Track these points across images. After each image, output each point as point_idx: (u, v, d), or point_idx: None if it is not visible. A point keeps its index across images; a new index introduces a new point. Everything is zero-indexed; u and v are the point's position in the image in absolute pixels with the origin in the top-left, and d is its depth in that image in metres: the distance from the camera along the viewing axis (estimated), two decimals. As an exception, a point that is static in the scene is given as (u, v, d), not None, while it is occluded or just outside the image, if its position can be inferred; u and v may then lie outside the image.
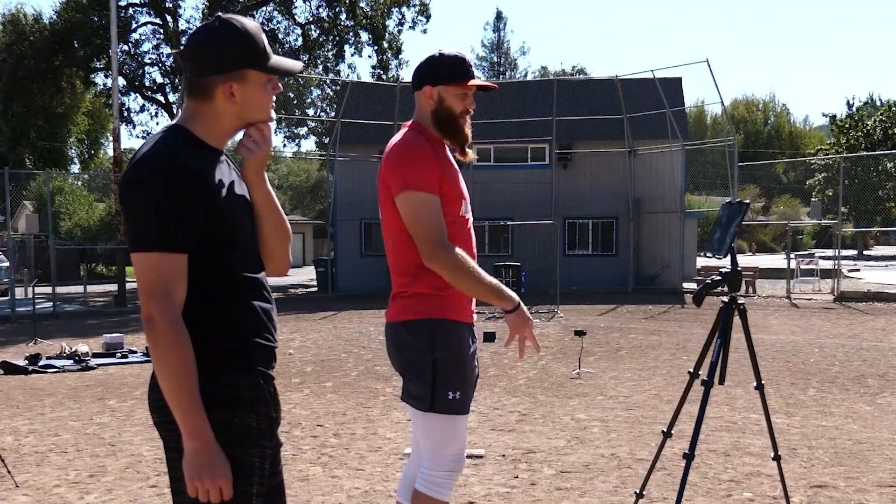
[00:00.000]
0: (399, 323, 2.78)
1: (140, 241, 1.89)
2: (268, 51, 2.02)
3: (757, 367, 3.81)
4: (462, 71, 2.78)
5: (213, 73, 1.97)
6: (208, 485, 1.88)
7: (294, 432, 6.17)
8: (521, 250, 23.01)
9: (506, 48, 62.10)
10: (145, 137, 2.24)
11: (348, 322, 15.28)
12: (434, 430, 2.77)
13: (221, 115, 2.02)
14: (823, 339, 11.89)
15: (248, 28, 2.01)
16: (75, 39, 28.52)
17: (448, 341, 2.73)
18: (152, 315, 1.87)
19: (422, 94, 2.80)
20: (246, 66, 1.99)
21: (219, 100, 2.00)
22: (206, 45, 1.99)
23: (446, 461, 2.79)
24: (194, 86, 2.00)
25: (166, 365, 1.87)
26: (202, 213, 1.92)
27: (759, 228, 51.34)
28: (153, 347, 1.88)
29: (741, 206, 3.80)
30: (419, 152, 2.70)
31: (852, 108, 50.68)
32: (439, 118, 2.78)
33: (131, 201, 1.90)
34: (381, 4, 29.89)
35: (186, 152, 1.95)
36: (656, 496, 4.44)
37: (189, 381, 1.88)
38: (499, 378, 8.63)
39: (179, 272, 1.90)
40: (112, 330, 13.80)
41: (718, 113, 64.49)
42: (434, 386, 2.71)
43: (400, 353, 2.81)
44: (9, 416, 7.05)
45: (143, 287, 1.89)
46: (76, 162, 49.08)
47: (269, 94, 2.05)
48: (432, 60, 2.80)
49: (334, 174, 25.16)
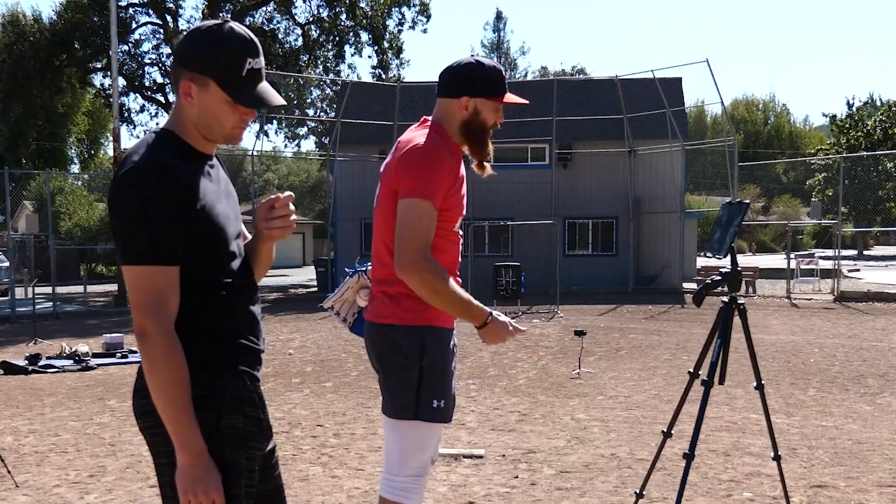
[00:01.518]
0: (387, 325, 2.69)
1: (132, 254, 1.88)
2: (240, 71, 1.95)
3: (757, 367, 3.81)
4: (502, 86, 2.71)
5: (181, 65, 1.96)
6: (201, 498, 1.88)
7: (294, 432, 6.17)
8: (521, 250, 23.01)
9: (506, 48, 62.09)
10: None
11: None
12: (411, 436, 2.69)
13: (189, 115, 1.99)
14: (823, 339, 11.89)
15: (241, 45, 1.96)
16: (75, 39, 28.51)
17: (436, 349, 2.68)
18: (146, 329, 1.86)
19: (457, 103, 2.68)
20: (208, 75, 1.94)
21: (181, 95, 1.98)
22: (192, 40, 1.97)
23: (413, 468, 2.71)
24: (173, 74, 2.00)
25: (160, 379, 1.86)
26: (191, 222, 1.91)
27: (759, 228, 51.36)
28: (147, 361, 1.87)
29: (741, 206, 3.80)
30: (441, 161, 2.61)
31: (852, 108, 50.64)
32: (471, 129, 2.70)
33: (122, 213, 1.88)
34: (381, 4, 29.87)
35: (175, 160, 1.93)
36: (656, 496, 4.44)
37: (183, 394, 1.87)
38: (499, 378, 8.63)
39: (172, 284, 1.90)
40: (112, 330, 13.80)
41: (718, 113, 64.51)
42: (419, 393, 2.66)
43: (385, 357, 2.72)
44: (9, 416, 7.05)
45: (135, 300, 1.88)
46: (76, 162, 49.08)
47: (231, 113, 1.98)
48: (474, 70, 2.69)
49: (334, 174, 25.16)
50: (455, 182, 2.66)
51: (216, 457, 1.93)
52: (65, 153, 44.34)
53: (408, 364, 2.65)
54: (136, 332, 1.89)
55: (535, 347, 11.16)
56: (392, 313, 2.67)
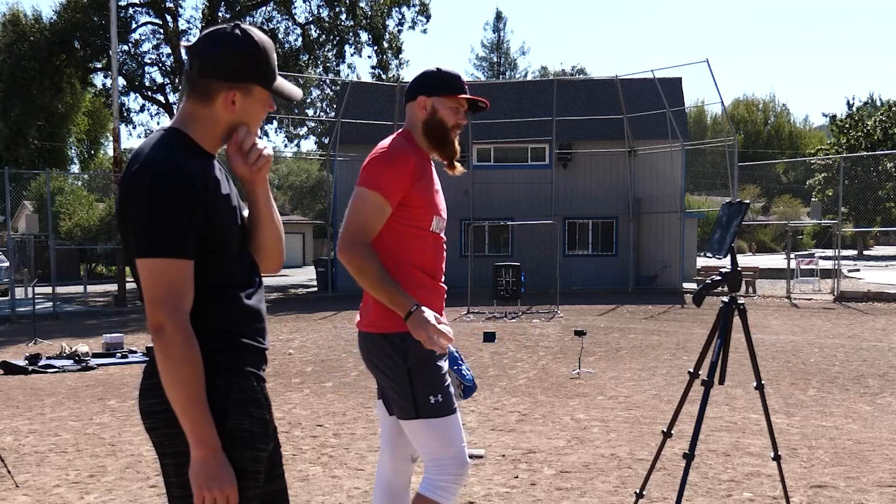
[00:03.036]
0: (375, 335, 2.81)
1: (148, 248, 1.87)
2: (275, 71, 2.05)
3: (757, 367, 3.81)
4: (458, 85, 2.86)
5: (220, 78, 1.97)
6: (216, 494, 1.87)
7: (294, 432, 6.17)
8: (521, 250, 23.01)
9: (506, 48, 62.13)
10: (145, 137, 2.22)
11: (348, 322, 15.27)
12: (426, 436, 2.78)
13: (219, 121, 2.01)
14: (823, 339, 11.89)
15: (265, 45, 2.02)
16: (75, 39, 28.51)
17: (419, 349, 2.74)
18: (162, 324, 1.85)
19: (416, 105, 2.85)
20: (254, 82, 2.00)
21: (218, 106, 1.99)
22: (221, 50, 1.98)
23: (448, 465, 2.79)
24: (197, 86, 1.99)
25: (176, 373, 1.85)
26: (204, 217, 1.92)
27: (759, 228, 51.36)
28: (163, 357, 1.86)
29: (741, 206, 3.80)
30: (398, 158, 2.75)
31: (852, 108, 50.69)
32: (430, 128, 2.83)
33: (137, 208, 1.88)
34: (381, 4, 29.89)
35: (188, 158, 1.94)
36: (656, 496, 4.44)
37: (199, 389, 1.87)
38: (499, 378, 8.63)
39: (187, 279, 1.89)
40: (112, 330, 13.80)
41: (718, 113, 64.47)
42: (414, 393, 2.75)
43: (375, 363, 2.85)
44: (9, 416, 7.05)
45: (151, 295, 1.87)
46: (76, 162, 49.09)
47: (265, 111, 2.07)
48: (429, 74, 2.88)
49: (334, 174, 25.16)
50: (421, 180, 2.77)
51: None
52: (65, 153, 44.35)
53: (396, 367, 2.76)
54: (151, 328, 1.88)
55: (535, 347, 11.16)
56: (374, 321, 2.80)
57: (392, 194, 2.71)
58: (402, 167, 2.73)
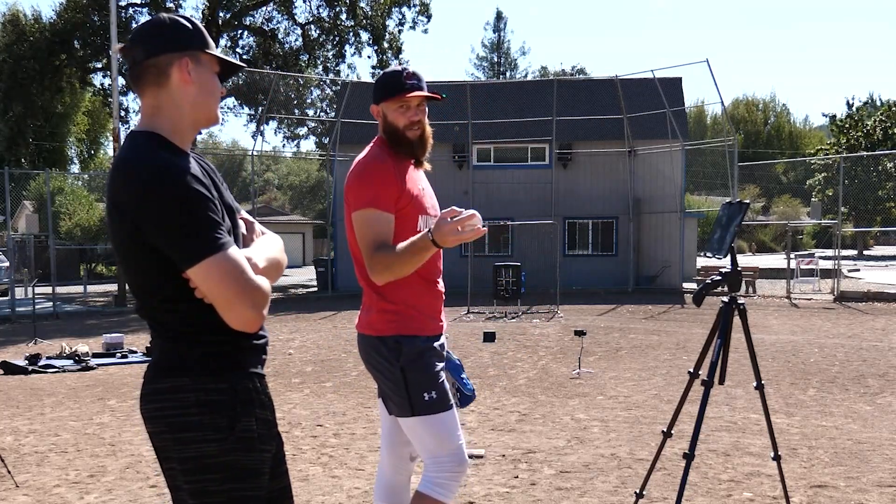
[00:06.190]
0: (372, 337, 2.85)
1: (199, 252, 1.82)
2: (211, 41, 2.10)
3: (757, 367, 3.81)
4: (395, 85, 2.84)
5: (168, 50, 1.96)
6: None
7: (294, 432, 6.17)
8: (521, 250, 23.00)
9: (506, 48, 62.10)
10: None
11: (348, 322, 15.26)
12: (423, 433, 2.82)
13: (181, 104, 1.98)
14: (823, 339, 11.89)
15: (193, 19, 2.06)
16: (75, 39, 28.51)
17: (412, 349, 2.80)
18: (253, 319, 1.87)
19: (375, 113, 2.92)
20: (198, 48, 2.00)
21: (175, 82, 1.96)
22: (159, 29, 1.98)
23: (446, 462, 2.82)
24: (148, 71, 1.95)
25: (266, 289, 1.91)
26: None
27: (759, 228, 51.33)
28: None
29: (741, 206, 3.80)
30: (378, 170, 2.79)
31: (852, 108, 50.67)
32: (388, 134, 2.89)
33: (166, 217, 1.83)
34: (381, 4, 29.89)
35: (175, 158, 1.91)
36: (656, 496, 4.44)
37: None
38: (499, 378, 8.63)
39: (242, 260, 1.87)
40: (112, 330, 13.80)
41: (718, 113, 64.38)
42: (409, 391, 2.79)
43: (372, 364, 2.90)
44: (9, 416, 7.05)
45: (223, 299, 1.84)
46: (76, 162, 49.09)
47: (217, 86, 2.05)
48: (377, 81, 2.94)
49: (334, 174, 25.14)
50: (406, 183, 2.81)
51: (230, 461, 1.92)
52: (65, 153, 44.33)
53: (390, 367, 2.81)
54: (241, 327, 1.87)
55: (535, 347, 11.16)
56: (371, 323, 2.86)
57: (385, 201, 2.74)
58: (379, 173, 2.77)
